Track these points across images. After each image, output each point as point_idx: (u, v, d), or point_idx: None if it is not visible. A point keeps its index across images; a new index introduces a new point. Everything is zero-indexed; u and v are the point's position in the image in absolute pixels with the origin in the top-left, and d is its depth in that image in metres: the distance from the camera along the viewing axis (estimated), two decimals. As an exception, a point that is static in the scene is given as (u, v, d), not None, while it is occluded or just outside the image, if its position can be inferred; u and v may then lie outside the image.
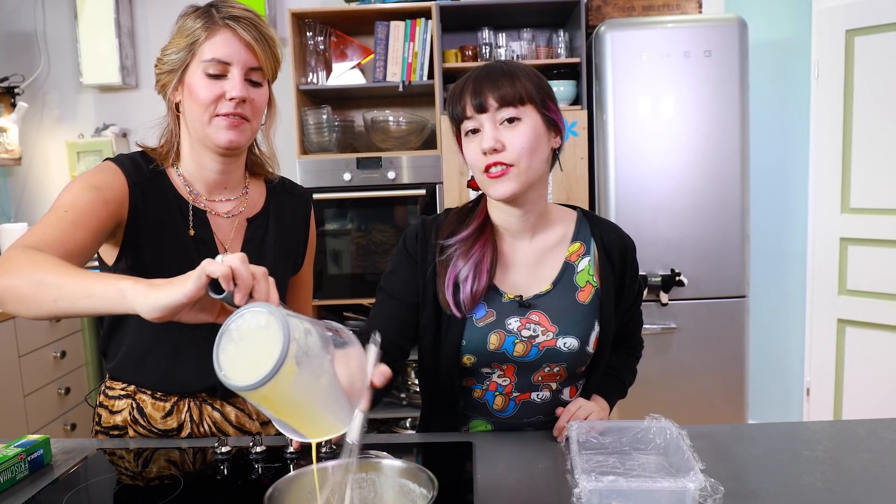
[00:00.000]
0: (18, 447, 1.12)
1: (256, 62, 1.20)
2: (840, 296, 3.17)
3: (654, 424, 1.15)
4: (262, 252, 1.31)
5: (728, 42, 2.82)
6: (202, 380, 1.27)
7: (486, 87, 1.17)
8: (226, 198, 1.31)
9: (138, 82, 3.50)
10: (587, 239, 1.30)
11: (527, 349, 1.24)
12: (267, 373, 0.65)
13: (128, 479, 1.14)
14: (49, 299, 0.90)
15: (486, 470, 1.11)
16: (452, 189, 3.05)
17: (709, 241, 2.91)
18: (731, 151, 2.86)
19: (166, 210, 1.24)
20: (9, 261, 0.95)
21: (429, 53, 3.06)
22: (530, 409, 1.29)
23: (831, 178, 3.13)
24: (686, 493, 0.94)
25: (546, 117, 1.19)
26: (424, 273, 1.26)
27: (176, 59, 1.19)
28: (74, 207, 1.08)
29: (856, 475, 1.07)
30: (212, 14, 1.18)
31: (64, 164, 3.52)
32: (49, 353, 2.87)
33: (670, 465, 1.09)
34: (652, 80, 2.84)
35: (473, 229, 1.26)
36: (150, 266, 1.22)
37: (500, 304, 1.25)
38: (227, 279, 0.79)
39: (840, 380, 3.21)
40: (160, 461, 1.17)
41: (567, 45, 3.14)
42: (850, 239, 3.11)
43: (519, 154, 1.16)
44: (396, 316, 1.26)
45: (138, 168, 1.23)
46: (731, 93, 2.83)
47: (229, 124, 1.19)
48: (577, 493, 0.95)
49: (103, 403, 1.32)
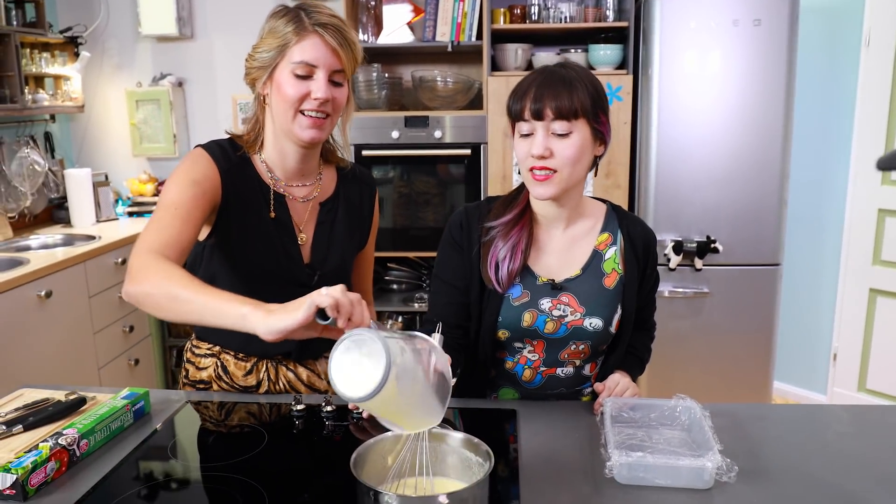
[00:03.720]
0: (125, 399, 1.29)
1: (340, 65, 1.30)
2: (874, 266, 3.22)
3: (680, 403, 1.28)
4: (332, 233, 1.45)
5: (778, 10, 2.81)
6: (280, 344, 1.43)
7: (546, 97, 1.26)
8: (302, 183, 1.44)
9: (193, 33, 3.60)
10: (615, 230, 1.42)
11: (556, 327, 1.37)
12: (373, 389, 0.80)
13: (215, 428, 1.32)
14: (181, 311, 1.08)
15: (527, 437, 1.26)
16: (497, 150, 3.14)
17: (746, 207, 2.97)
18: (774, 119, 2.89)
19: (251, 193, 1.38)
20: (145, 269, 1.12)
21: (478, 14, 3.10)
22: (555, 383, 1.44)
23: (875, 150, 3.14)
24: (704, 470, 1.08)
25: (595, 129, 1.29)
26: (470, 255, 1.39)
27: (267, 57, 1.31)
28: (182, 205, 1.24)
29: (866, 461, 1.19)
30: (302, 19, 1.29)
31: (123, 111, 3.68)
32: (115, 295, 3.09)
33: (692, 441, 1.23)
34: (699, 47, 2.86)
35: (514, 215, 1.38)
36: (235, 244, 1.36)
37: (534, 286, 1.38)
38: (332, 308, 0.94)
39: (867, 348, 3.30)
40: (241, 413, 1.35)
41: (615, 9, 3.15)
42: (888, 210, 3.14)
43: (564, 163, 1.27)
44: (454, 301, 1.41)
45: (226, 155, 1.36)
46: (778, 61, 2.84)
47: (312, 123, 1.31)
48: (609, 466, 1.09)
49: (190, 360, 1.50)
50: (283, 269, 1.39)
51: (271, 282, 1.39)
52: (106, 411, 1.23)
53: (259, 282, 1.39)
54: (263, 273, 1.39)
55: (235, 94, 3.66)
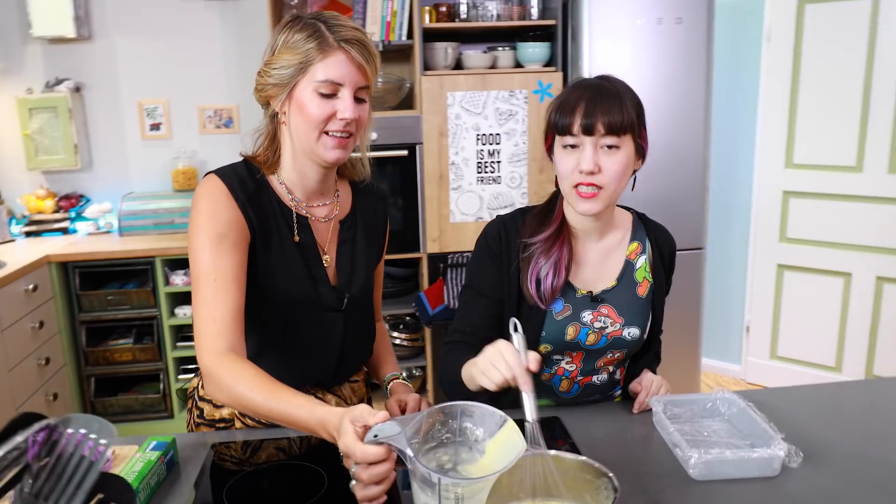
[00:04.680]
0: (154, 450, 1.17)
1: (365, 81, 1.23)
2: (781, 243, 3.50)
3: (720, 396, 1.34)
4: (354, 251, 1.38)
5: (697, 9, 2.98)
6: (314, 373, 1.36)
7: (598, 112, 1.26)
8: (321, 203, 1.36)
9: (92, 33, 3.31)
10: (643, 239, 1.45)
11: (597, 339, 1.39)
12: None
13: (261, 473, 1.22)
14: (250, 411, 1.15)
15: (583, 443, 1.27)
16: (432, 150, 3.12)
17: (673, 196, 3.13)
18: (696, 111, 3.07)
19: (272, 219, 1.28)
20: (216, 374, 1.13)
21: (408, 13, 3.05)
22: (591, 390, 1.46)
23: (777, 137, 3.41)
24: (775, 458, 1.13)
25: (638, 145, 1.32)
26: (509, 269, 1.38)
27: (286, 74, 1.21)
28: (219, 270, 1.19)
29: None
30: (325, 35, 1.19)
31: (14, 121, 3.32)
32: (27, 325, 2.79)
33: (739, 431, 1.28)
34: (626, 44, 2.98)
35: (553, 231, 1.38)
36: (261, 272, 1.27)
37: (574, 299, 1.39)
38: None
39: (777, 319, 3.59)
40: (274, 450, 1.26)
41: (540, 7, 3.21)
42: (792, 192, 3.42)
43: (611, 179, 1.28)
44: (488, 313, 1.39)
45: (244, 184, 1.26)
46: (698, 57, 3.02)
47: (337, 143, 1.23)
48: (692, 464, 1.12)
49: (205, 398, 1.38)
50: (312, 294, 1.32)
51: (300, 309, 1.32)
52: (142, 467, 1.11)
53: (289, 310, 1.31)
54: (292, 301, 1.30)
55: (141, 99, 3.41)
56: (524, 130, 3.15)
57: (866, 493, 1.10)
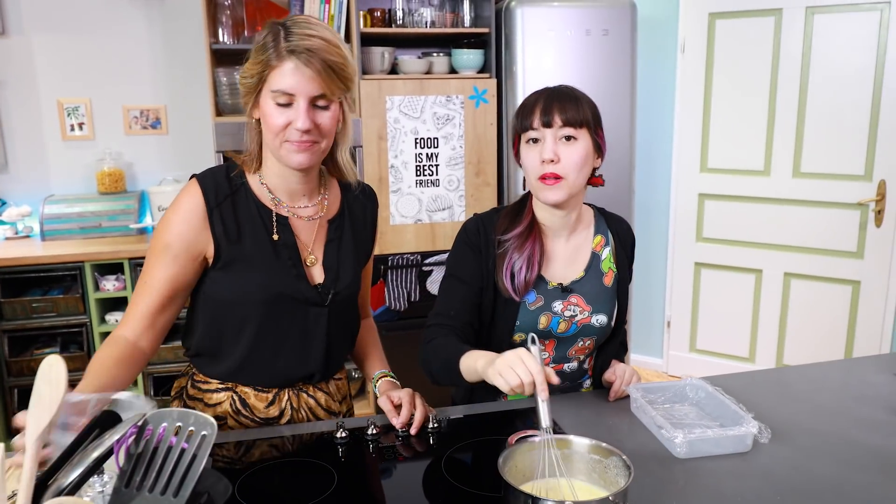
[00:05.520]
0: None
1: (321, 90, 1.22)
2: (697, 242, 3.74)
3: (688, 383, 1.45)
4: (342, 251, 1.40)
5: (622, 22, 3.15)
6: (301, 370, 1.38)
7: (555, 107, 1.38)
8: (307, 203, 1.38)
9: (5, 29, 3.12)
10: (605, 232, 1.56)
11: (568, 326, 1.48)
12: None
13: (269, 471, 1.22)
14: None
15: (565, 427, 1.34)
16: (372, 152, 3.13)
17: (603, 199, 3.26)
18: (622, 118, 3.24)
19: (248, 219, 1.31)
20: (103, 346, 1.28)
21: (345, 17, 3.06)
22: (561, 378, 1.53)
23: (693, 142, 3.65)
24: (748, 435, 1.25)
25: (595, 141, 1.42)
26: (487, 262, 1.45)
27: (251, 82, 1.24)
28: (151, 276, 1.29)
29: (852, 410, 1.45)
30: (279, 42, 1.20)
31: (-84, 120, 3.08)
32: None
33: (707, 413, 1.39)
34: (557, 53, 3.12)
35: (524, 227, 1.46)
36: (239, 269, 1.31)
37: (546, 291, 1.47)
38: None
39: (696, 314, 3.83)
40: (267, 448, 1.26)
41: (472, 15, 3.29)
42: (706, 195, 3.67)
43: (570, 169, 1.38)
44: (469, 300, 1.45)
45: (219, 188, 1.30)
46: (624, 67, 3.19)
47: (298, 148, 1.25)
48: (679, 444, 1.21)
49: (195, 397, 1.37)
50: (292, 290, 1.34)
51: (283, 303, 1.34)
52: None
53: (271, 304, 1.33)
54: (272, 296, 1.32)
55: (61, 97, 3.24)
56: (461, 135, 3.22)
57: (829, 463, 1.22)
